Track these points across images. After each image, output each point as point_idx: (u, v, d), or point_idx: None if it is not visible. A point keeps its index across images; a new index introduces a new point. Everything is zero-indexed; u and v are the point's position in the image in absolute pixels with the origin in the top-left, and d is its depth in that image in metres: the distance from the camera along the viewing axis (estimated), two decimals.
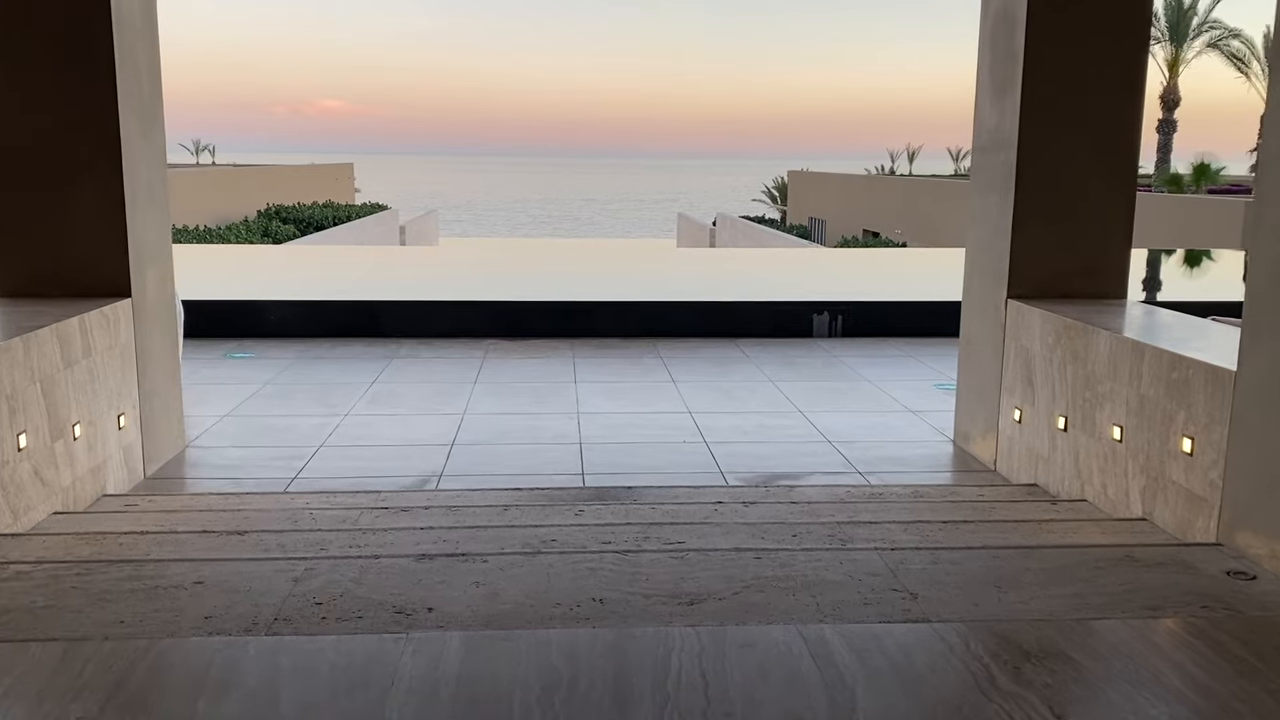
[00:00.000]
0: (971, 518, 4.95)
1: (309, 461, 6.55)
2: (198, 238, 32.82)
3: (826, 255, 19.58)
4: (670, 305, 11.40)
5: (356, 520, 4.88)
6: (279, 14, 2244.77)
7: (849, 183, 52.07)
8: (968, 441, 6.91)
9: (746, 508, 5.12)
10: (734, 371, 9.43)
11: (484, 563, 3.98)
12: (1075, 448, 5.49)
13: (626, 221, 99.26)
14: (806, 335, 11.17)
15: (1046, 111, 6.13)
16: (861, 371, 9.41)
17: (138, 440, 6.05)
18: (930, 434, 7.36)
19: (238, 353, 10.05)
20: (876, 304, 11.51)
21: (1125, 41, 6.10)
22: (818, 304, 11.28)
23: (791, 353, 10.28)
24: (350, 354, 10.05)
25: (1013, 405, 6.22)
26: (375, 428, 7.39)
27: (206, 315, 10.93)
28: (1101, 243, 6.28)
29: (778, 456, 6.76)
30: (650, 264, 16.91)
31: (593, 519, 4.85)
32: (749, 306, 11.41)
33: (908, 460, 6.72)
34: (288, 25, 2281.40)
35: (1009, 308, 6.27)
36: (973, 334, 6.86)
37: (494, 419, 7.66)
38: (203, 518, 4.93)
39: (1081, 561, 4.08)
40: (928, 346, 10.57)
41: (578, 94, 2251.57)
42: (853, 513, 5.09)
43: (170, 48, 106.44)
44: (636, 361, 9.84)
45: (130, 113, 5.93)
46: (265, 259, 17.41)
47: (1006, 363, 6.30)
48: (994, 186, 6.47)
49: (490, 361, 9.76)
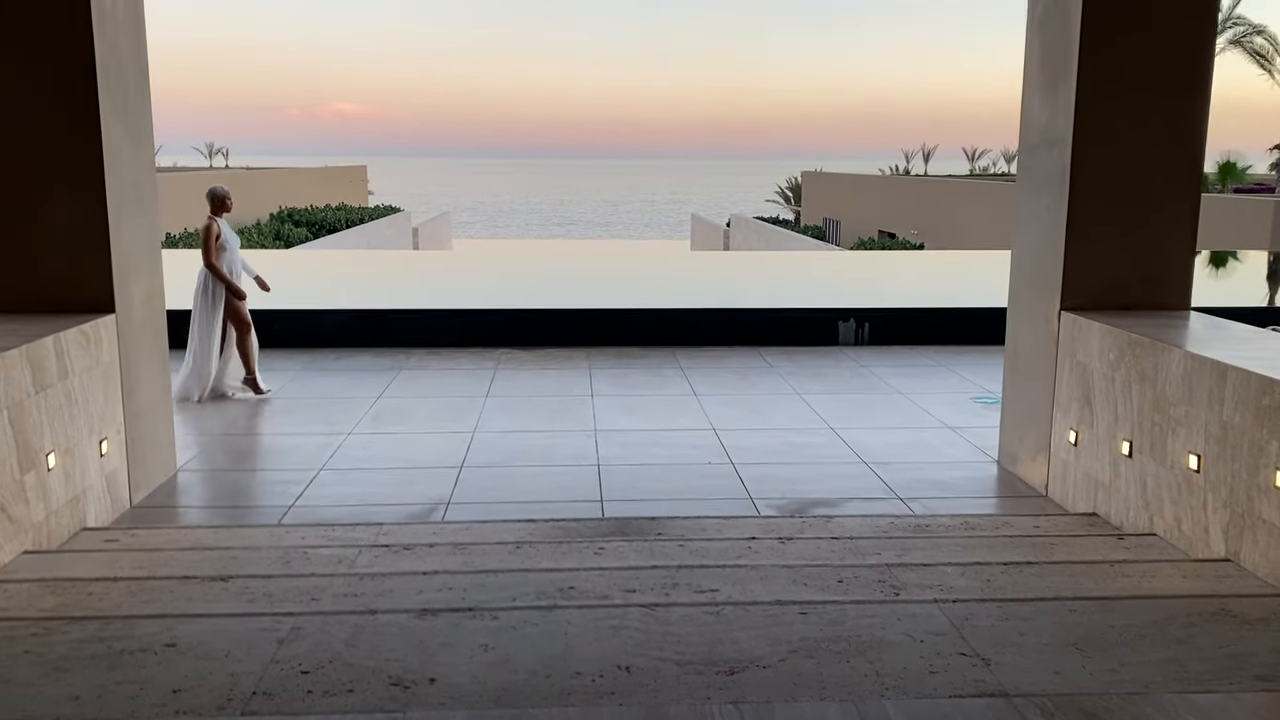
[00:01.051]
0: (1034, 557, 4.47)
1: (307, 487, 6.11)
2: None
3: (848, 259, 19.08)
4: (689, 313, 10.94)
5: (354, 561, 4.43)
6: (292, 17, 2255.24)
7: (864, 183, 51.44)
8: (1015, 463, 6.42)
9: (783, 544, 4.65)
10: (758, 383, 8.96)
11: (494, 619, 3.53)
12: (1142, 476, 5.00)
13: (639, 222, 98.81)
14: (832, 343, 10.68)
15: (1104, 105, 5.64)
16: (893, 383, 8.92)
17: (123, 467, 5.62)
18: (972, 453, 6.87)
19: None
20: (905, 310, 11.02)
21: (1189, 28, 5.60)
22: (843, 311, 10.80)
23: (818, 362, 9.80)
24: (357, 365, 9.62)
25: (1067, 426, 5.73)
26: (380, 448, 6.95)
27: None
28: (1164, 249, 5.79)
29: (810, 480, 6.28)
30: (666, 268, 16.45)
31: (614, 559, 4.39)
32: (771, 314, 10.93)
33: (950, 484, 6.23)
34: (301, 28, 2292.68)
35: (1063, 320, 5.78)
36: (1020, 346, 6.38)
37: (506, 437, 7.21)
38: (186, 558, 4.49)
39: (1171, 616, 3.60)
40: (960, 356, 10.07)
41: (592, 95, 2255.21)
42: (901, 550, 4.61)
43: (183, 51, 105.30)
44: (656, 372, 9.38)
45: (114, 114, 5.50)
46: (271, 265, 17.00)
47: (1060, 379, 5.81)
48: (1045, 188, 5.99)
49: (502, 373, 9.31)
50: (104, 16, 5.38)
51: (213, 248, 8.10)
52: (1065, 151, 5.73)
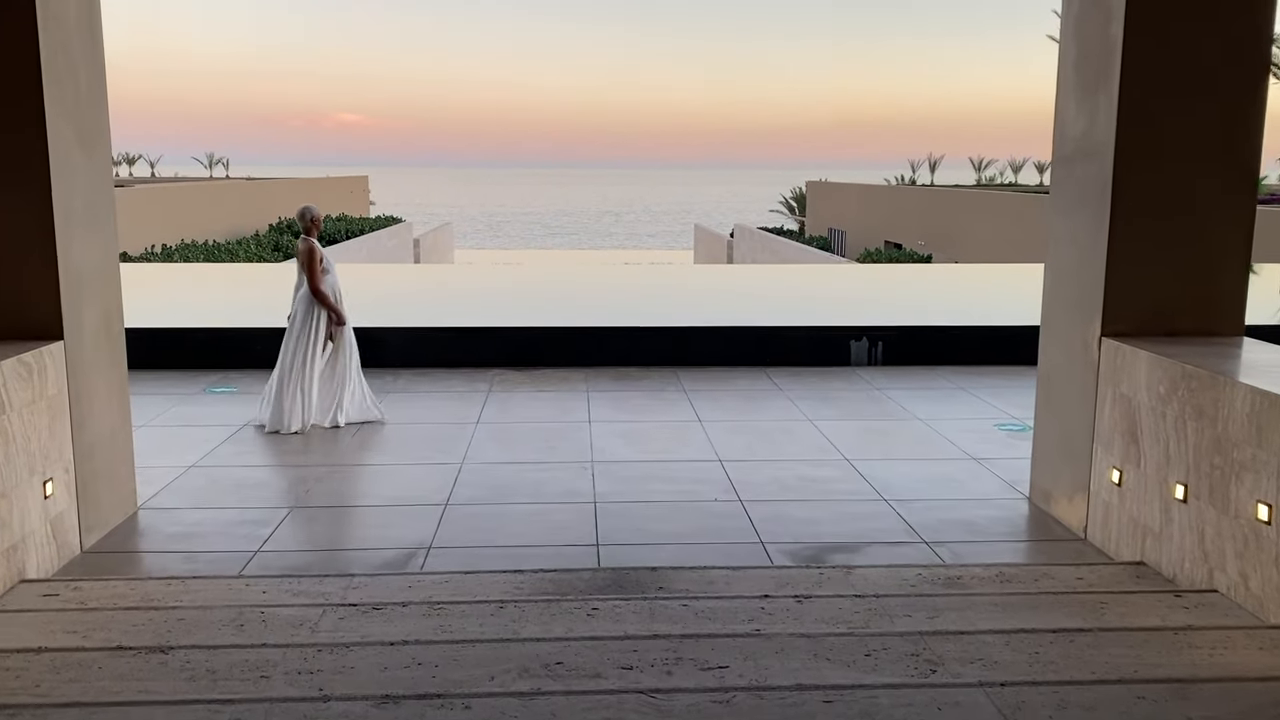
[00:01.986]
0: (1086, 622, 3.94)
1: (277, 528, 5.59)
2: (206, 253, 32.08)
3: (858, 272, 18.56)
4: (693, 331, 10.42)
5: (316, 625, 3.91)
6: (294, 28, 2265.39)
7: (869, 193, 50.96)
8: (1049, 501, 5.89)
9: (801, 604, 4.13)
10: (766, 407, 8.44)
11: (465, 709, 3.01)
12: (1199, 524, 4.47)
13: (642, 232, 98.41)
14: (844, 363, 10.17)
15: (1149, 111, 5.13)
16: (910, 408, 8.40)
17: (71, 508, 5.11)
18: (1000, 489, 6.35)
19: (219, 387, 9.14)
20: (920, 329, 10.50)
21: (1243, 23, 5.10)
22: (855, 329, 10.28)
23: (829, 385, 9.28)
24: None
25: (1110, 464, 5.20)
26: (359, 482, 6.45)
27: (189, 344, 10.07)
28: (1215, 270, 5.27)
29: (827, 520, 5.76)
30: (668, 283, 15.93)
31: (609, 625, 3.87)
32: (779, 332, 10.41)
33: (979, 525, 5.71)
34: (303, 39, 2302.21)
35: (1104, 347, 5.27)
36: (1055, 375, 5.86)
37: (496, 470, 6.70)
38: (127, 621, 3.98)
39: (1257, 706, 3.08)
40: (980, 378, 9.55)
41: (594, 103, 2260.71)
42: (933, 612, 4.09)
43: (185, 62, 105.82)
44: (657, 395, 8.86)
45: (63, 120, 5.01)
46: (257, 279, 16.52)
47: (1101, 412, 5.29)
48: (1082, 203, 5.48)
49: (495, 397, 8.80)
50: (49, 13, 4.89)
51: (318, 271, 7.59)
52: (1106, 162, 5.22)
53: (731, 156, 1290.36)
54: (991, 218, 34.68)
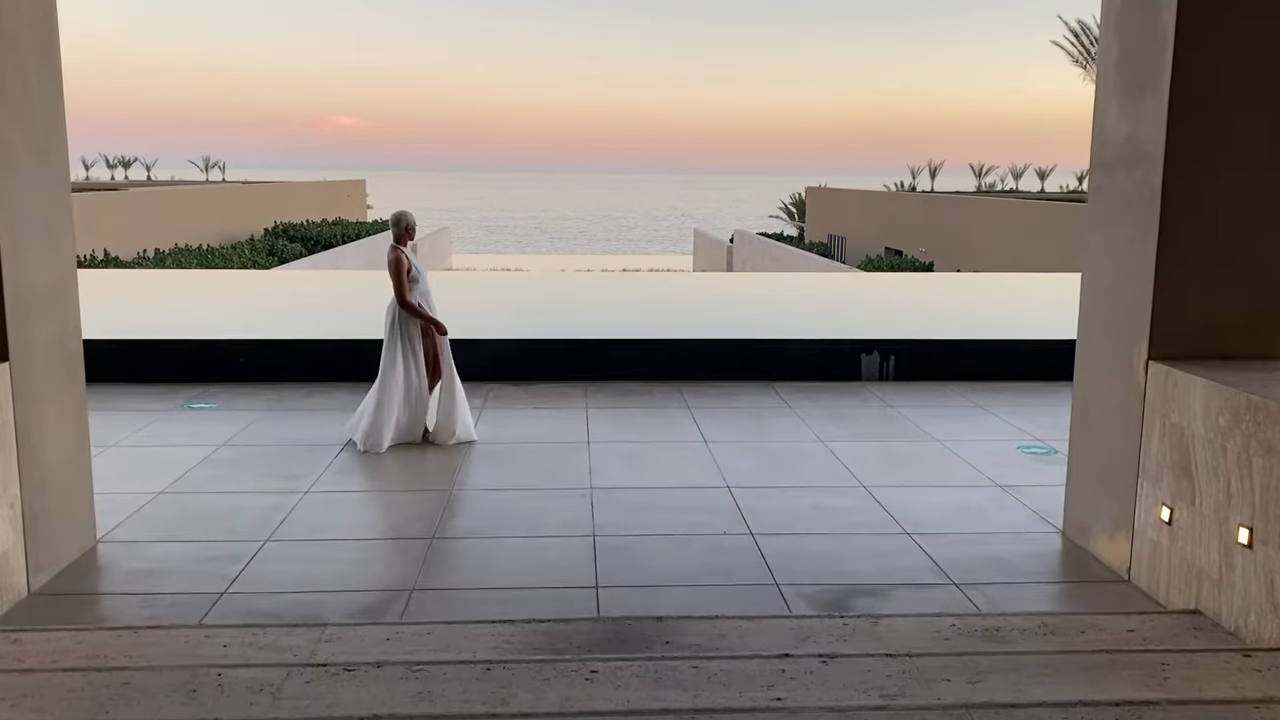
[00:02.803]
0: (1150, 690, 3.48)
1: (248, 565, 5.13)
2: (200, 258, 31.60)
3: (865, 281, 18.10)
4: (696, 344, 9.97)
5: (279, 690, 3.45)
6: (293, 31, 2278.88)
7: (869, 199, 50.52)
8: (1086, 537, 5.43)
9: (826, 666, 3.66)
10: (775, 426, 7.98)
11: None
12: (1268, 573, 4.02)
13: (641, 237, 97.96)
14: (854, 378, 9.71)
15: (1203, 113, 4.69)
16: (926, 427, 7.94)
17: (17, 546, 4.64)
18: (1030, 520, 5.89)
19: (198, 402, 8.67)
20: (933, 343, 10.04)
21: None
22: (865, 342, 9.83)
23: (840, 401, 8.83)
24: (328, 404, 8.65)
25: (1158, 500, 4.75)
26: (340, 511, 5.98)
27: (168, 356, 9.60)
28: (1275, 286, 4.82)
29: (846, 557, 5.30)
30: (670, 292, 15.47)
31: (610, 692, 3.41)
32: (786, 345, 9.96)
33: (1013, 563, 5.25)
34: (302, 42, 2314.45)
35: (1151, 372, 4.81)
36: (1093, 400, 5.40)
37: (488, 498, 6.24)
38: (63, 685, 3.51)
39: None
40: (998, 394, 9.10)
41: (594, 108, 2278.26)
42: (974, 675, 3.62)
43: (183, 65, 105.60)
44: (660, 413, 8.40)
45: (10, 121, 4.56)
46: (244, 287, 16.05)
47: (1148, 443, 4.84)
48: (1126, 214, 5.03)
49: (490, 414, 8.34)
50: None
51: (405, 282, 7.17)
52: (1154, 170, 4.77)
53: (731, 162, 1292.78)
54: (994, 225, 34.24)
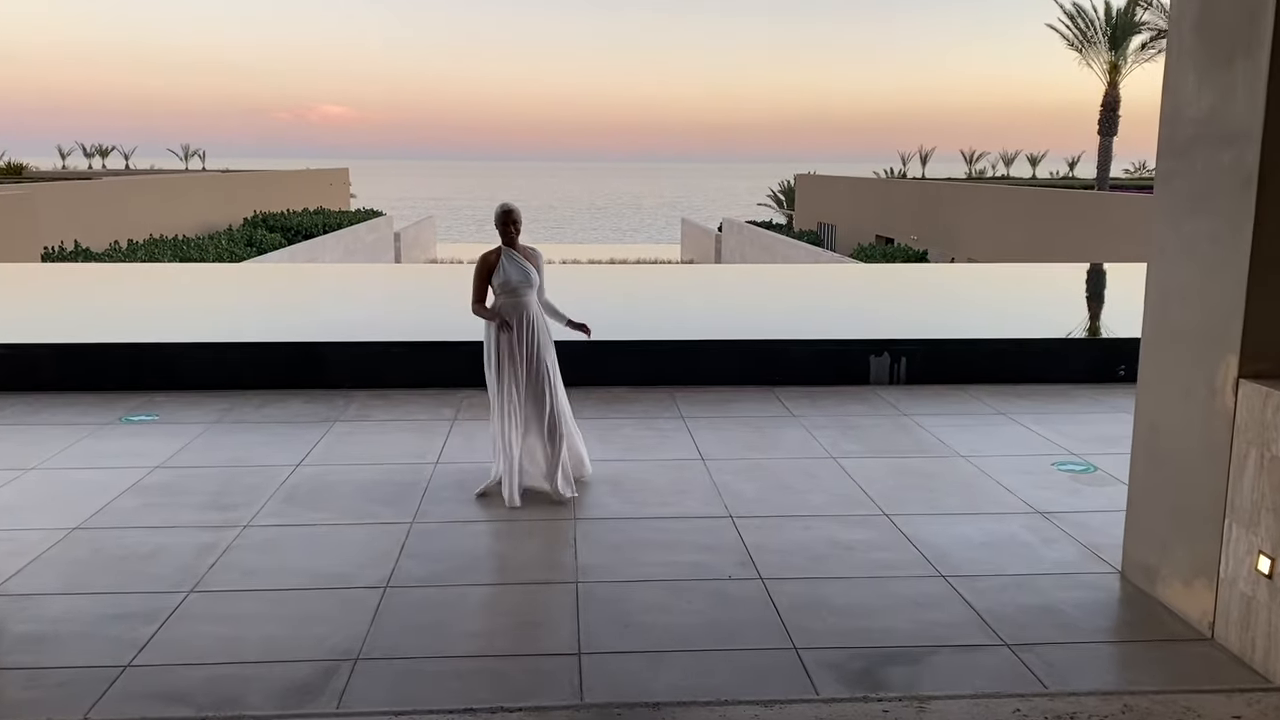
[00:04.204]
0: None
1: (164, 625, 4.29)
2: (174, 249, 30.59)
3: (866, 274, 17.31)
4: (691, 345, 9.14)
5: None
6: (279, 20, 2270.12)
7: (860, 186, 49.68)
8: (1153, 581, 4.65)
9: None
10: (780, 440, 7.17)
11: None
12: None
13: (627, 226, 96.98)
14: (862, 382, 8.91)
15: None
16: (947, 439, 7.14)
17: None
18: (1080, 557, 5.10)
19: (139, 414, 7.81)
20: (946, 343, 9.24)
21: None
22: (874, 343, 9.02)
23: (849, 409, 8.02)
24: (283, 415, 7.80)
25: (1254, 547, 3.96)
26: (281, 551, 5.14)
27: (110, 362, 8.73)
28: None
29: (874, 609, 4.50)
30: (661, 287, 14.63)
31: None
32: (787, 345, 9.14)
33: (1069, 616, 4.45)
34: (288, 31, 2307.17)
35: (1243, 392, 4.02)
36: (1162, 422, 4.60)
37: (453, 532, 5.41)
38: None
39: None
40: (1018, 399, 8.32)
41: (581, 97, 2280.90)
42: None
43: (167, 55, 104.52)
44: (651, 424, 7.59)
45: None
46: (205, 283, 15.15)
47: (1238, 478, 4.05)
48: (1207, 203, 4.23)
49: (463, 426, 7.52)
50: None
51: (479, 287, 5.83)
52: (1249, 150, 3.97)
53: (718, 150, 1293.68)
54: (989, 212, 33.46)
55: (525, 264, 5.81)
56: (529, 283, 5.80)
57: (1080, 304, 12.64)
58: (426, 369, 8.77)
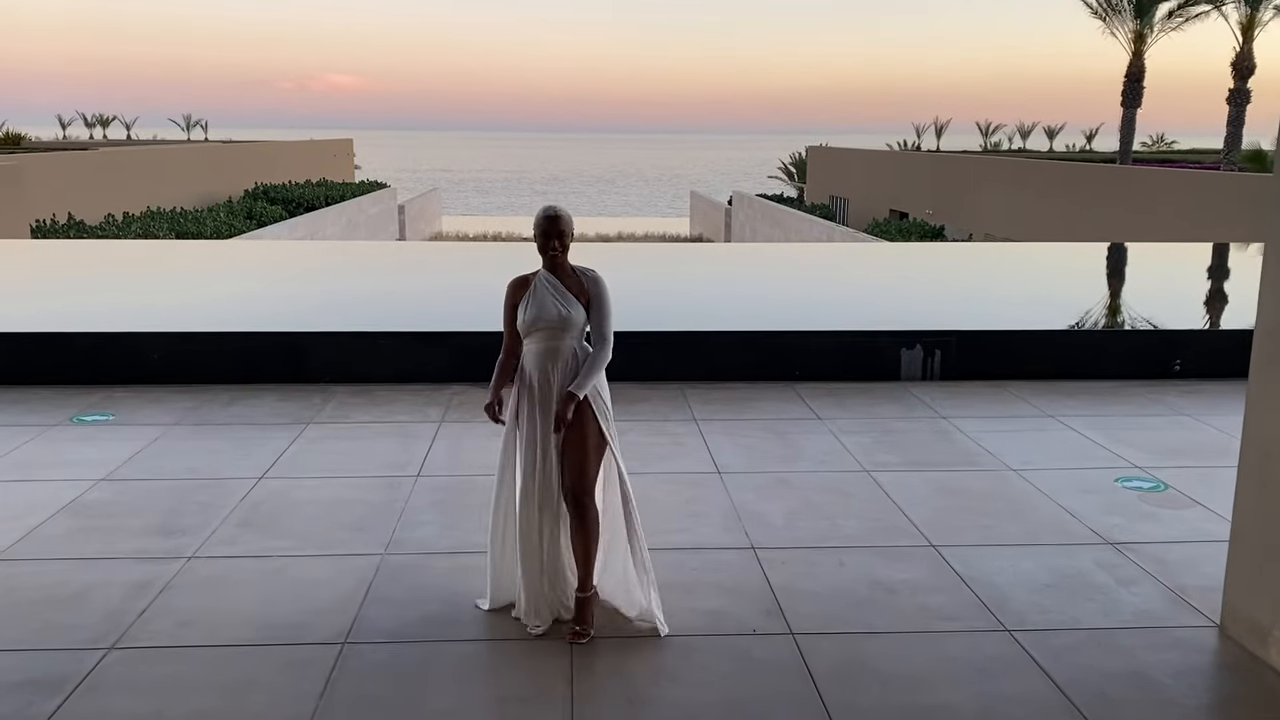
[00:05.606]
0: None
1: (70, 697, 3.54)
2: (171, 221, 29.80)
3: (884, 254, 16.45)
4: (702, 337, 8.34)
5: None
6: None
7: (874, 159, 48.58)
8: (1264, 642, 3.87)
9: None
10: (806, 449, 6.38)
11: None
12: None
13: (636, 200, 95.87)
14: (892, 377, 8.11)
15: None
16: (994, 449, 6.35)
17: None
18: (1166, 603, 4.32)
19: (92, 413, 7.05)
20: (985, 334, 8.42)
21: None
22: (905, 334, 8.21)
23: (881, 411, 7.23)
24: (254, 414, 7.05)
25: None
26: (225, 593, 4.38)
27: (68, 353, 7.96)
28: None
29: (930, 676, 3.72)
30: (670, 270, 13.80)
31: None
32: (809, 338, 8.33)
33: (1168, 687, 3.68)
34: None
35: None
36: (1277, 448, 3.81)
37: (431, 567, 4.65)
38: None
39: None
40: (1065, 398, 7.52)
41: (588, 68, 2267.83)
42: None
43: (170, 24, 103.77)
44: (661, 428, 6.81)
45: None
46: (183, 262, 14.35)
47: None
48: None
49: (449, 429, 6.75)
50: None
51: (507, 324, 4.08)
52: None
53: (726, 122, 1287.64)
54: (1007, 187, 32.42)
55: (566, 296, 3.93)
56: (566, 324, 3.92)
57: (1122, 289, 11.78)
58: (414, 360, 8.00)
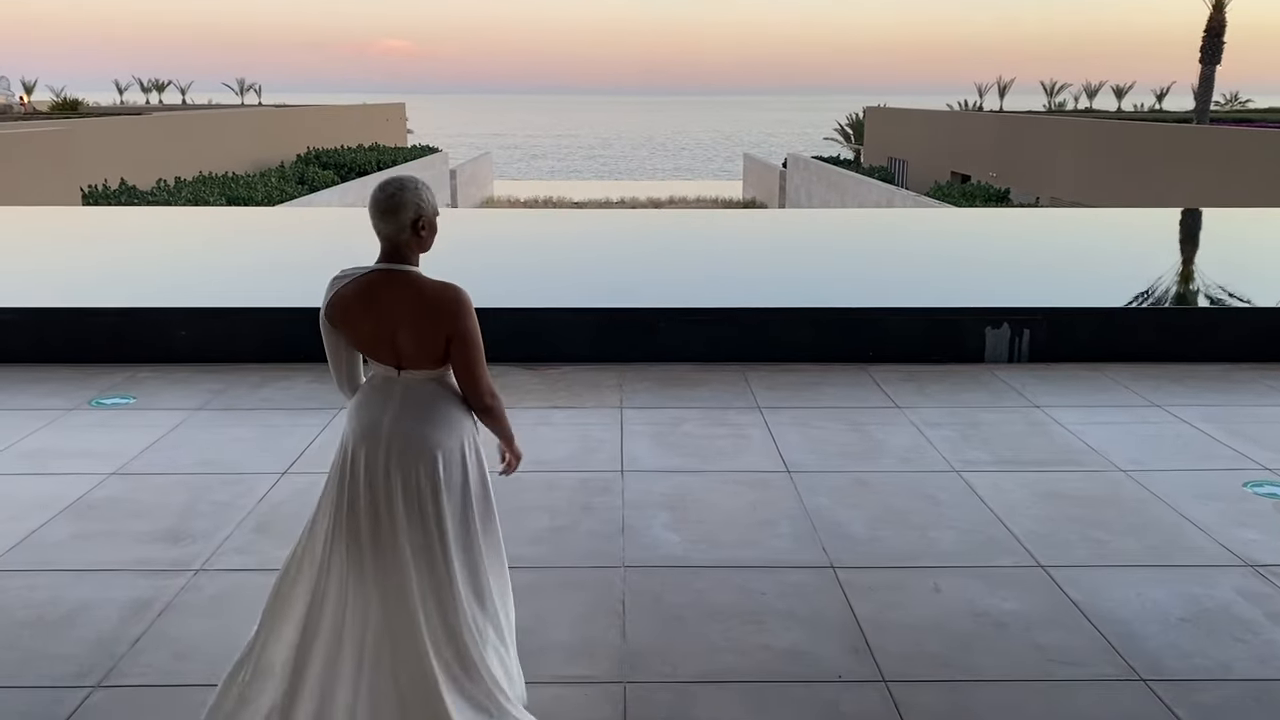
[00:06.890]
0: None
1: None
2: (222, 186, 29.62)
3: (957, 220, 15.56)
4: (766, 314, 7.66)
5: None
6: None
7: (934, 119, 47.00)
8: None
9: None
10: (885, 443, 5.72)
11: None
12: None
13: (689, 162, 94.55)
14: (976, 359, 7.39)
15: None
16: (1097, 445, 5.64)
17: None
18: None
19: (112, 396, 6.60)
20: (1079, 312, 7.65)
21: None
22: (990, 311, 7.47)
23: (964, 398, 6.54)
24: (284, 398, 6.55)
25: None
26: (232, 615, 3.86)
27: (93, 329, 7.53)
28: None
29: None
30: (727, 238, 13.07)
31: None
32: (883, 315, 7.61)
33: None
34: None
35: None
36: None
37: None
38: None
39: None
40: (1170, 383, 6.76)
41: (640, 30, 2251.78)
42: None
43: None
44: (721, 416, 6.19)
45: None
46: (222, 230, 13.94)
47: None
48: None
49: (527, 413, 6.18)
50: None
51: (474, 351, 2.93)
52: None
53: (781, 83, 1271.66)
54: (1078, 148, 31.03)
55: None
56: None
57: (1220, 260, 10.84)
58: None
